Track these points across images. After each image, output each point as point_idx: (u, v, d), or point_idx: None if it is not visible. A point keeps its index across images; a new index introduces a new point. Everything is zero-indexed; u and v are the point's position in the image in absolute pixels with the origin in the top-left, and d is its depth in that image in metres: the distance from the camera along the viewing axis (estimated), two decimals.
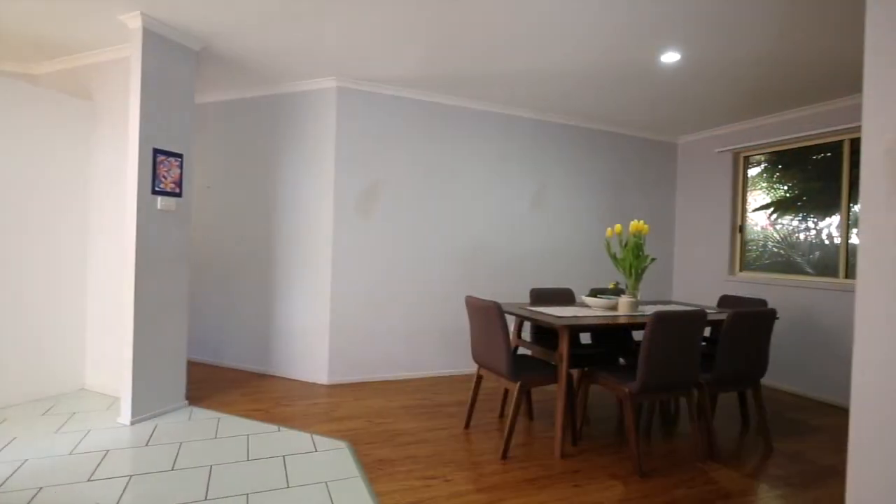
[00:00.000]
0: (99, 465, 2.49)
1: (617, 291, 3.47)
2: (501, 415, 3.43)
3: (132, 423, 3.03)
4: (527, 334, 3.73)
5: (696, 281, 5.32)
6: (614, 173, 5.25)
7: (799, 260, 4.46)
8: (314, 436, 2.95)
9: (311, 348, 4.12)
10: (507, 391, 3.44)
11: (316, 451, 2.75)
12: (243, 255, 4.44)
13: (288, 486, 2.34)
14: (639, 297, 3.29)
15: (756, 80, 3.70)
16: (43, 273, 3.43)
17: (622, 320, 2.87)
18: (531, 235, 4.81)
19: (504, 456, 2.75)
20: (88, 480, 2.34)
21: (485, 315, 2.85)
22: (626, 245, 3.25)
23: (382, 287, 4.22)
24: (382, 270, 4.22)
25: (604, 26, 2.94)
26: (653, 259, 3.26)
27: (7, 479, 2.31)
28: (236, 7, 2.86)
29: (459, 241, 4.50)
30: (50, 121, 3.44)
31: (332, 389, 3.91)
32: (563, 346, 2.76)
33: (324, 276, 4.06)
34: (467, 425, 3.20)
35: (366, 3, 2.77)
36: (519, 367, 2.89)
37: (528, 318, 2.97)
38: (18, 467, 2.43)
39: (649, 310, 3.34)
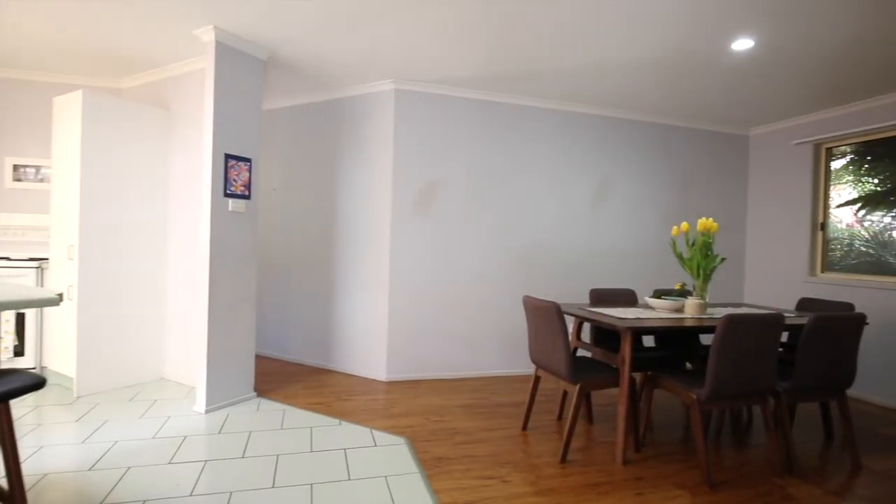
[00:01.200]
0: (178, 449, 2.68)
1: (683, 293, 3.31)
2: (560, 417, 3.36)
3: (206, 412, 3.23)
4: (586, 335, 3.64)
5: (771, 282, 4.98)
6: (680, 169, 5.01)
7: (892, 260, 4.07)
8: (373, 431, 3.02)
9: (369, 345, 4.22)
10: (565, 393, 3.37)
11: (375, 445, 2.81)
12: (306, 254, 4.62)
13: (349, 479, 2.41)
14: (707, 299, 3.12)
15: (839, 65, 3.41)
16: (128, 271, 3.73)
17: (689, 323, 2.74)
18: (591, 234, 4.68)
19: (563, 459, 2.69)
20: (169, 463, 2.51)
21: (543, 315, 2.80)
22: (693, 244, 3.09)
23: (439, 286, 4.25)
24: (439, 270, 4.26)
25: (671, 14, 2.81)
26: (723, 259, 3.08)
27: (101, 457, 2.53)
28: (300, 16, 2.98)
29: (518, 240, 4.45)
30: (134, 131, 3.73)
31: (389, 386, 3.99)
32: (626, 349, 2.67)
33: (382, 275, 4.15)
34: (525, 426, 3.16)
35: (425, 5, 2.80)
36: (579, 368, 2.82)
37: (588, 319, 2.89)
38: (110, 448, 2.66)
39: (719, 312, 3.16)
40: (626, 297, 3.72)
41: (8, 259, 3.86)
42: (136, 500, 2.16)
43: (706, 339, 4.17)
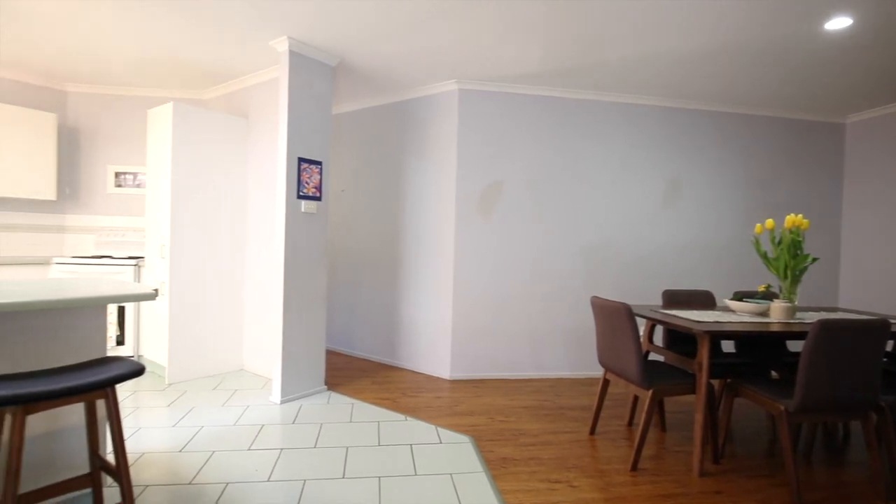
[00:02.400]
0: (256, 437, 2.84)
1: (768, 295, 3.08)
2: (630, 423, 3.23)
3: (281, 403, 3.40)
4: (658, 338, 3.47)
5: (872, 285, 4.51)
6: (762, 161, 4.66)
7: None
8: (438, 428, 3.05)
9: (434, 343, 4.27)
10: (636, 398, 3.23)
11: (441, 442, 2.84)
12: (372, 253, 4.75)
13: (415, 474, 2.45)
14: (796, 303, 2.88)
15: None
16: (212, 269, 4.01)
17: (775, 328, 2.53)
18: (662, 232, 4.46)
19: (634, 467, 2.58)
20: (248, 449, 2.67)
21: (613, 317, 2.70)
22: (779, 243, 2.86)
23: (504, 285, 4.23)
24: (504, 269, 4.23)
25: None
26: (814, 259, 2.83)
27: (190, 440, 2.74)
28: (367, 22, 3.06)
29: (584, 238, 4.33)
30: (216, 138, 4.01)
31: (454, 384, 4.01)
32: (703, 354, 2.52)
33: (446, 273, 4.19)
34: (592, 431, 3.07)
35: (487, 3, 2.79)
36: (651, 373, 2.69)
37: (661, 322, 2.76)
38: (196, 432, 2.87)
39: (810, 317, 2.90)
40: (703, 299, 3.51)
41: (110, 257, 4.28)
42: (220, 482, 2.31)
43: (794, 346, 3.85)
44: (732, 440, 3.02)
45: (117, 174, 4.71)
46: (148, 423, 2.97)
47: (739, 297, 3.08)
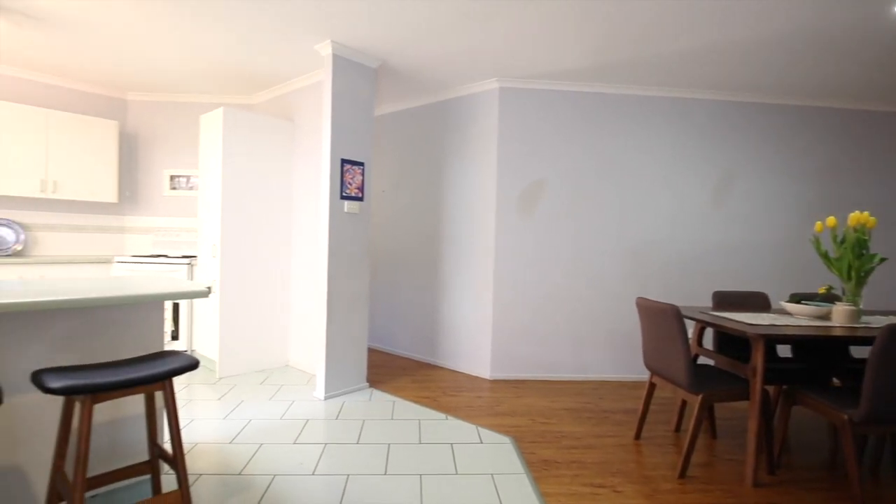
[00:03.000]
0: (301, 431, 2.92)
1: (829, 297, 2.90)
2: (677, 429, 3.12)
3: (325, 398, 3.48)
4: (708, 342, 3.34)
5: None
6: (821, 155, 4.39)
7: None
8: (479, 428, 3.05)
9: (474, 343, 4.26)
10: (684, 403, 3.12)
11: (481, 442, 2.83)
12: (413, 253, 4.80)
13: (456, 473, 2.45)
14: (861, 306, 2.70)
15: None
16: (260, 268, 4.15)
17: (838, 332, 2.39)
18: (712, 231, 4.28)
19: (682, 474, 2.49)
20: (294, 443, 2.75)
21: (661, 319, 2.62)
22: (842, 242, 2.69)
23: (545, 285, 4.17)
24: (545, 269, 4.17)
25: None
26: (882, 259, 2.64)
27: (239, 433, 2.85)
28: (409, 23, 3.09)
29: (630, 237, 4.22)
30: (264, 141, 4.14)
31: (494, 384, 3.99)
32: (758, 359, 2.40)
33: (486, 273, 4.17)
34: (638, 436, 2.98)
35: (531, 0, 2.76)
36: (701, 378, 2.59)
37: (711, 324, 2.65)
38: (245, 425, 2.98)
39: (877, 321, 2.72)
40: (757, 301, 3.35)
41: (166, 256, 4.50)
42: (267, 473, 2.39)
43: (858, 351, 3.61)
44: (789, 450, 2.87)
45: (172, 177, 4.95)
46: (200, 415, 3.11)
47: (797, 299, 2.92)
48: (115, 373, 1.62)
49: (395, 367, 4.43)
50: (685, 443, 2.52)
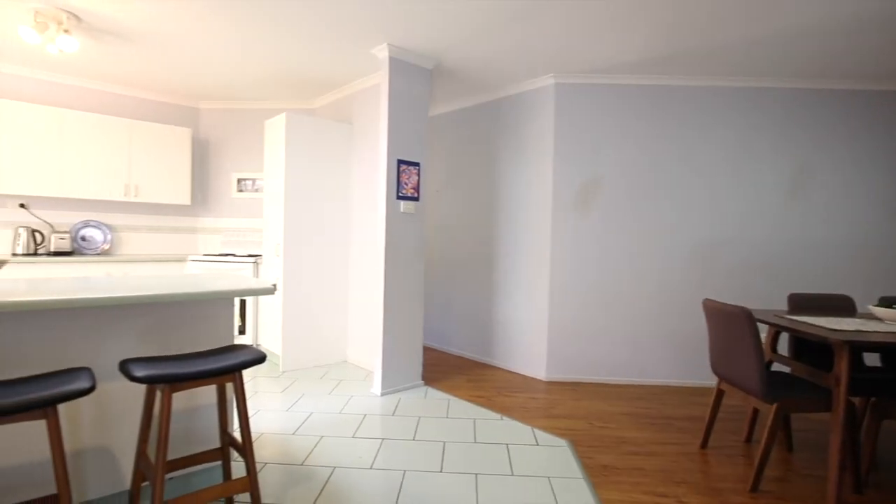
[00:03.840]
0: (359, 425, 3.00)
1: None
2: (748, 439, 2.94)
3: (381, 395, 3.56)
4: (783, 347, 3.12)
5: None
6: None
7: None
8: (535, 430, 3.00)
9: (529, 343, 4.21)
10: (755, 412, 2.93)
11: (537, 444, 2.79)
12: (467, 252, 4.80)
13: (512, 474, 2.43)
14: None
15: None
16: (320, 266, 4.30)
17: None
18: (787, 229, 3.99)
19: (754, 488, 2.35)
20: (353, 437, 2.83)
21: (730, 322, 2.48)
22: None
23: (604, 285, 4.05)
24: (604, 268, 4.05)
25: None
26: None
27: (301, 425, 2.97)
28: (463, 23, 3.09)
29: (694, 236, 4.01)
30: (324, 144, 4.28)
31: (549, 386, 3.93)
32: (842, 367, 2.21)
33: (542, 272, 4.11)
34: (704, 444, 2.83)
35: None
36: (776, 386, 2.43)
37: (787, 329, 2.47)
38: (307, 417, 3.09)
39: None
40: (840, 305, 3.09)
41: (234, 255, 4.75)
42: (328, 465, 2.47)
43: None
44: (878, 468, 2.63)
45: (239, 180, 5.23)
46: (265, 407, 3.26)
47: (888, 303, 2.67)
48: (191, 364, 1.73)
49: (450, 366, 4.46)
50: (757, 454, 2.36)
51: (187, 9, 3.04)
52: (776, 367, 3.64)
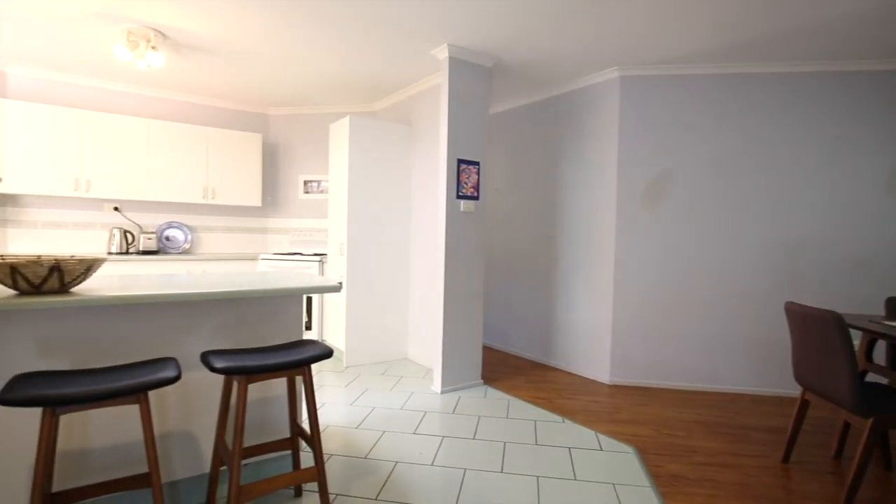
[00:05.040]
0: (420, 422, 3.04)
1: None
2: (838, 454, 2.70)
3: (441, 392, 3.59)
4: (880, 356, 2.84)
5: None
6: None
7: None
8: (598, 434, 2.92)
9: (592, 345, 4.09)
10: (846, 425, 2.69)
11: (601, 449, 2.71)
12: (527, 251, 4.74)
13: (575, 479, 2.37)
14: None
15: None
16: (381, 265, 4.40)
17: None
18: (885, 226, 3.62)
19: None
20: (413, 433, 2.87)
21: (818, 328, 2.28)
22: None
23: (672, 286, 3.86)
24: (672, 269, 3.86)
25: None
26: None
27: (364, 419, 3.05)
28: (525, 18, 3.05)
29: (773, 234, 3.73)
30: (386, 145, 4.38)
31: (613, 390, 3.80)
32: None
33: (606, 272, 3.98)
34: (786, 458, 2.63)
35: None
36: (871, 398, 2.21)
37: (886, 336, 2.24)
38: (369, 412, 3.17)
39: None
40: None
41: (301, 254, 4.96)
42: (390, 459, 2.52)
43: None
44: None
45: (305, 182, 5.45)
46: (330, 400, 3.38)
47: None
48: (265, 357, 1.82)
49: (509, 366, 4.42)
50: (850, 472, 2.17)
51: (260, 23, 3.21)
52: (871, 377, 3.33)
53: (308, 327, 4.82)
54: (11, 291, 1.64)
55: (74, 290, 1.74)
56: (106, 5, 3.04)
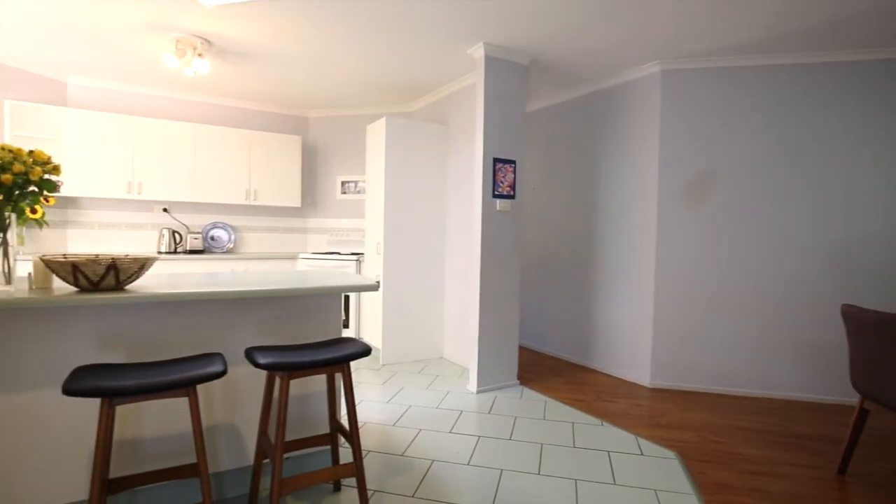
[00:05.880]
0: (456, 421, 3.04)
1: None
2: None
3: (477, 392, 3.58)
4: None
5: None
6: None
7: None
8: (639, 438, 2.84)
9: (632, 347, 3.99)
10: None
11: (642, 454, 2.64)
12: (564, 250, 4.67)
13: (614, 483, 2.32)
14: None
15: None
16: (417, 265, 4.43)
17: None
18: None
19: None
20: (450, 432, 2.87)
21: (879, 332, 2.15)
22: None
23: (718, 287, 3.72)
24: (717, 269, 3.72)
25: None
26: None
27: (400, 417, 3.08)
28: (562, 14, 3.00)
29: (828, 233, 3.54)
30: (422, 146, 4.41)
31: (654, 393, 3.69)
32: None
33: (647, 272, 3.87)
34: (842, 470, 2.49)
35: None
36: None
37: None
38: (406, 410, 3.20)
39: None
40: None
41: (338, 253, 5.06)
42: (426, 457, 2.54)
43: None
44: None
45: (343, 183, 5.55)
46: (367, 397, 3.43)
47: None
48: (307, 354, 1.86)
49: (545, 367, 4.37)
50: None
51: (299, 29, 3.28)
52: None
53: (345, 325, 4.91)
54: (72, 288, 1.74)
55: (129, 287, 1.83)
56: (158, 16, 3.18)
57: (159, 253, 4.71)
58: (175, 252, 4.79)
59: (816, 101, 3.54)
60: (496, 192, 3.59)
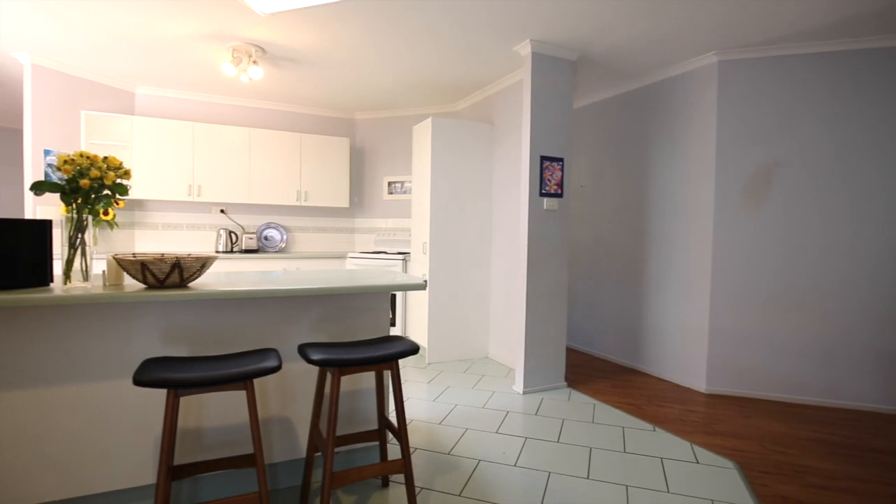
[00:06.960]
0: (502, 421, 3.02)
1: None
2: None
3: (523, 393, 3.54)
4: None
5: None
6: None
7: None
8: (693, 446, 2.73)
9: (685, 350, 3.84)
10: None
11: (697, 462, 2.53)
12: (614, 249, 4.55)
13: (667, 491, 2.24)
14: None
15: None
16: (463, 264, 4.43)
17: None
18: None
19: None
20: (496, 432, 2.86)
21: None
22: None
23: (780, 290, 3.51)
24: (780, 270, 3.51)
25: None
26: None
27: (447, 415, 3.09)
28: (612, 5, 2.92)
29: None
30: (467, 145, 4.40)
31: (710, 399, 3.53)
32: None
33: (702, 272, 3.71)
34: None
35: None
36: None
37: None
38: (452, 409, 3.21)
39: None
40: None
41: (385, 253, 5.13)
42: (473, 457, 2.53)
43: None
44: None
45: (389, 183, 5.63)
46: (414, 395, 3.46)
47: None
48: (357, 351, 1.90)
49: (594, 369, 4.26)
50: None
51: (348, 35, 3.36)
52: None
53: (392, 324, 4.98)
54: (141, 285, 1.85)
55: (191, 284, 1.93)
56: (216, 27, 3.34)
57: (217, 252, 4.94)
58: (231, 251, 5.01)
59: (887, 89, 3.27)
60: (543, 191, 3.54)
